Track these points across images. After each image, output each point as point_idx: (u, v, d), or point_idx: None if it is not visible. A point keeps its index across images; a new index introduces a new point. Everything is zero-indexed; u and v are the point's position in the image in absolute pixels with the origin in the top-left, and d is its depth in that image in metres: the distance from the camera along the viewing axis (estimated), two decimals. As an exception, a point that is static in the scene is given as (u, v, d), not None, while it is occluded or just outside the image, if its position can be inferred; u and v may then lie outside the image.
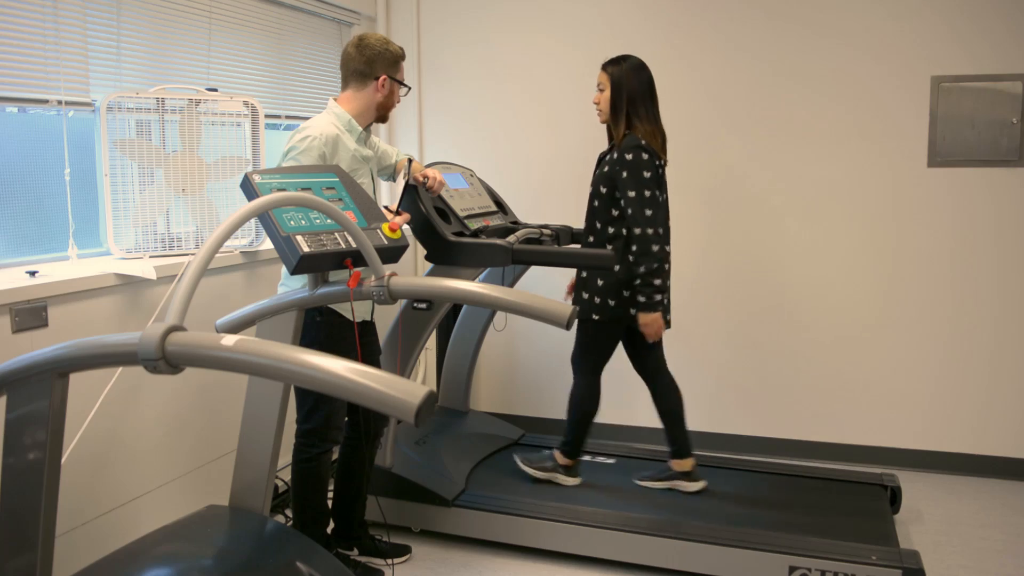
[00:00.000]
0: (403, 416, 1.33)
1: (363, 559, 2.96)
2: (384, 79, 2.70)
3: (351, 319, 2.64)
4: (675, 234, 4.00)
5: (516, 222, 3.52)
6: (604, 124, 3.20)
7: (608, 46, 3.22)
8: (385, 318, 3.47)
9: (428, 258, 3.07)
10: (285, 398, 2.33)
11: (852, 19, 3.76)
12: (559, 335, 4.16)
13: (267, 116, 3.39)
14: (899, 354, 3.86)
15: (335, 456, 2.88)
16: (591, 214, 3.17)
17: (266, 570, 2.05)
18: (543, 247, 3.13)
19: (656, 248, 2.99)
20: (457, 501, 3.10)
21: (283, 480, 3.35)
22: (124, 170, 2.78)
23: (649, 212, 2.99)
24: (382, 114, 2.78)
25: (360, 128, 2.72)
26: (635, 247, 3.00)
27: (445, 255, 3.00)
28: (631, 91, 3.07)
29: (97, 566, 1.98)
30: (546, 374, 4.33)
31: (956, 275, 3.77)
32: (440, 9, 4.31)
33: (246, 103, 3.06)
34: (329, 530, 2.91)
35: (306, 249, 2.11)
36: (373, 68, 2.68)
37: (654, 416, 3.27)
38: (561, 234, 3.44)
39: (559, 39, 4.14)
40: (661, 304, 3.06)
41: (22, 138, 2.62)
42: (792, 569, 2.71)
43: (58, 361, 1.62)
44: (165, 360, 1.49)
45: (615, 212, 3.09)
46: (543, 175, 4.23)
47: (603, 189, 3.11)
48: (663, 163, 3.13)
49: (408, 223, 3.05)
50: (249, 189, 2.16)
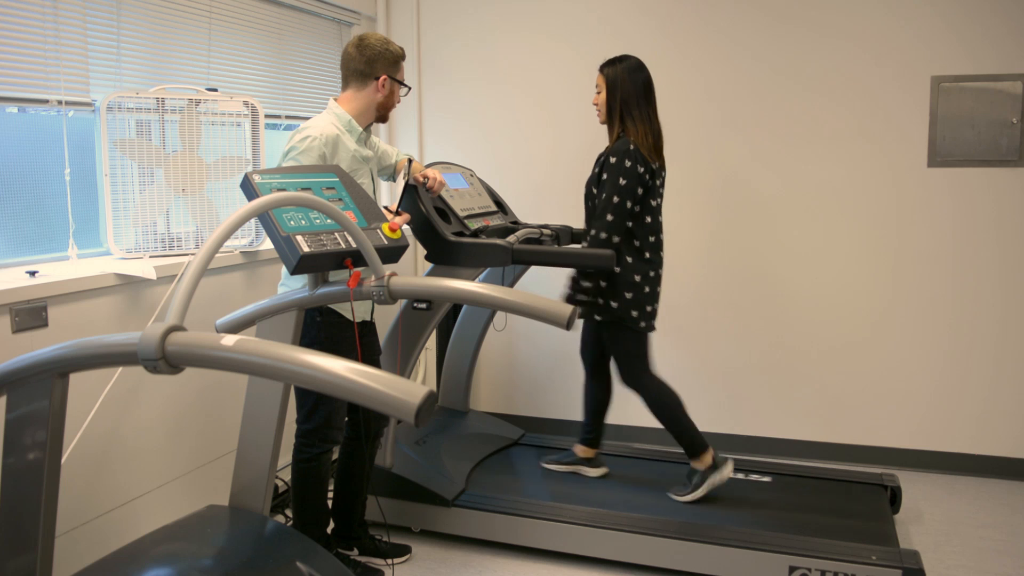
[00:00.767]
0: (403, 416, 1.33)
1: (363, 559, 2.96)
2: (384, 79, 2.70)
3: (351, 319, 2.64)
4: (675, 234, 4.00)
5: (516, 222, 3.52)
6: (604, 125, 3.21)
7: (608, 47, 3.22)
8: (385, 318, 3.47)
9: (428, 258, 3.07)
10: (285, 398, 2.33)
11: (852, 19, 3.76)
12: (559, 335, 4.16)
13: (267, 116, 3.39)
14: (899, 354, 3.87)
15: (335, 456, 2.88)
16: (589, 216, 3.18)
17: (266, 570, 2.05)
18: (543, 247, 3.13)
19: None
20: (457, 501, 3.10)
21: (283, 480, 3.35)
22: (124, 170, 2.78)
23: (610, 218, 3.01)
24: (382, 114, 2.78)
25: (360, 128, 2.72)
26: (584, 243, 3.03)
27: (445, 255, 3.00)
28: (625, 92, 3.07)
29: (97, 566, 1.98)
30: (546, 374, 4.33)
31: (956, 275, 3.77)
32: (440, 9, 4.31)
33: (246, 103, 3.06)
34: (329, 530, 2.91)
35: (306, 249, 2.12)
36: (373, 68, 2.69)
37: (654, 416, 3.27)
38: (561, 234, 3.44)
39: (559, 39, 4.14)
40: (582, 304, 3.08)
41: (22, 138, 2.62)
42: (792, 569, 2.71)
43: (58, 361, 1.62)
44: (165, 360, 1.49)
45: None
46: (543, 175, 4.23)
47: (595, 190, 3.12)
48: (657, 167, 3.11)
49: (408, 223, 3.06)
50: (249, 189, 2.16)
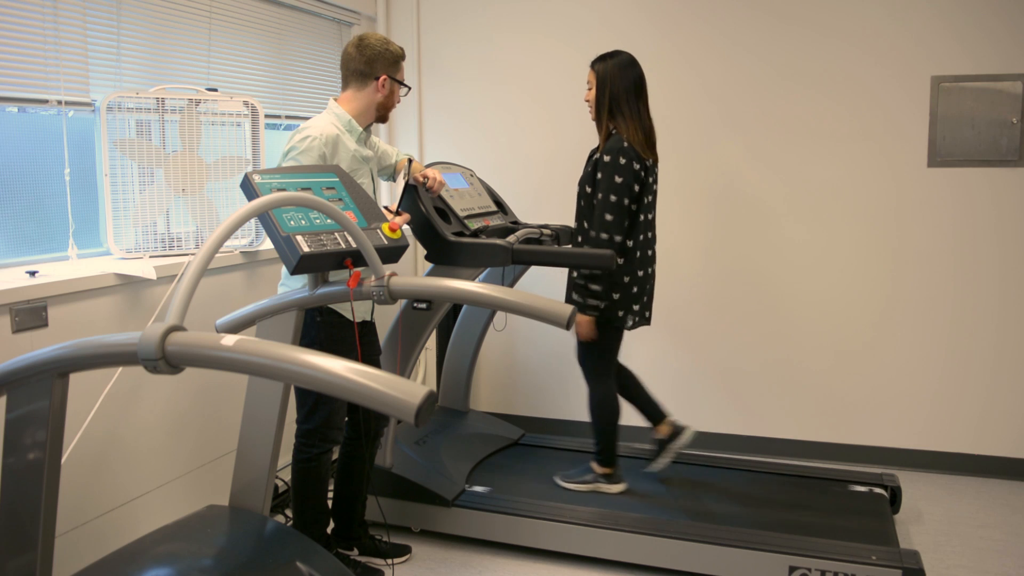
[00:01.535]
0: (403, 416, 1.33)
1: (363, 559, 2.96)
2: (384, 79, 2.70)
3: (351, 319, 2.64)
4: (675, 234, 4.00)
5: (516, 222, 3.51)
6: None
7: (608, 46, 3.21)
8: (385, 318, 3.47)
9: (428, 258, 3.07)
10: (285, 398, 2.33)
11: (852, 19, 3.76)
12: (559, 335, 4.16)
13: (267, 116, 3.39)
14: (899, 354, 3.86)
15: (335, 456, 2.88)
16: (580, 214, 3.18)
17: (266, 570, 2.05)
18: (543, 247, 3.13)
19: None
20: (457, 501, 3.10)
21: (283, 480, 3.35)
22: (124, 170, 2.78)
23: (609, 217, 3.00)
24: (382, 114, 2.78)
25: (360, 128, 2.72)
26: (593, 234, 3.02)
27: (445, 255, 3.00)
28: (614, 88, 3.07)
29: (97, 566, 1.98)
30: (546, 374, 4.33)
31: (956, 275, 3.77)
32: (440, 9, 4.31)
33: (246, 103, 3.06)
34: (329, 530, 2.91)
35: (306, 249, 2.12)
36: (373, 68, 2.69)
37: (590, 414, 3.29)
38: (561, 234, 3.44)
39: (559, 39, 4.14)
40: (597, 309, 3.08)
41: (22, 138, 2.62)
42: (792, 569, 2.71)
43: (58, 361, 1.62)
44: (165, 360, 1.49)
45: None
46: (542, 175, 4.23)
47: (588, 189, 3.12)
48: (651, 163, 3.11)
49: (408, 223, 3.06)
50: (249, 189, 2.16)
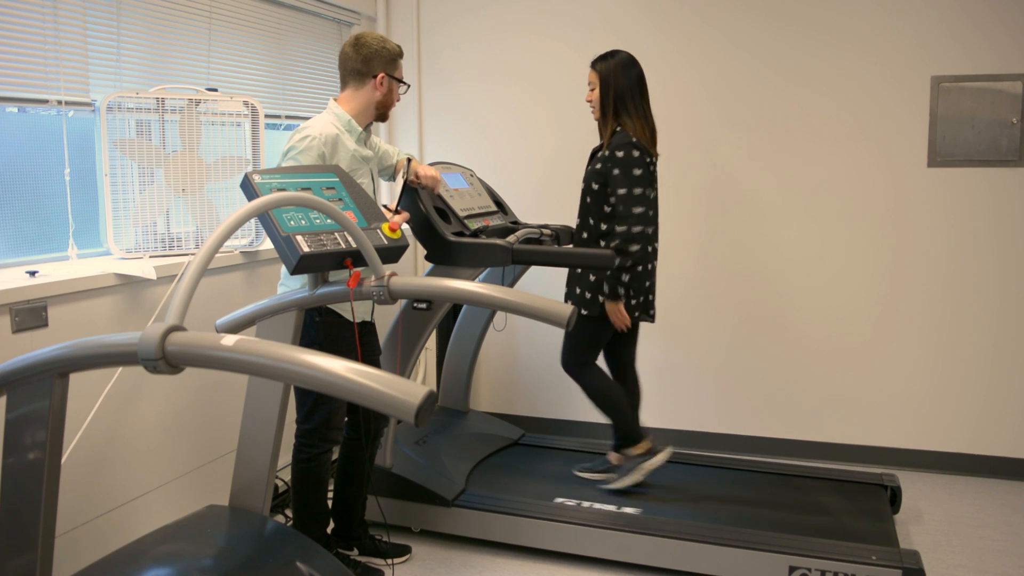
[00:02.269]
0: (403, 416, 1.33)
1: (363, 559, 2.96)
2: (382, 77, 2.70)
3: (350, 319, 2.64)
4: (674, 233, 4.00)
5: (516, 222, 3.51)
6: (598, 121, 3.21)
7: (607, 47, 3.21)
8: (385, 318, 3.47)
9: (428, 258, 3.07)
10: (285, 398, 2.33)
11: (852, 19, 3.76)
12: (559, 335, 4.14)
13: (267, 116, 3.39)
14: (899, 354, 3.86)
15: (335, 456, 2.88)
16: (584, 211, 3.18)
17: (266, 570, 2.05)
18: (543, 247, 3.13)
19: (635, 248, 3.02)
20: (457, 501, 3.10)
21: (283, 480, 3.35)
22: (124, 170, 2.78)
23: (638, 210, 3.01)
24: (382, 112, 2.77)
25: (359, 128, 2.72)
26: (616, 242, 3.02)
27: (445, 255, 3.00)
28: (619, 87, 3.08)
29: (97, 566, 1.98)
30: (546, 374, 4.33)
31: (956, 275, 3.77)
32: (440, 9, 4.31)
33: (246, 103, 3.06)
34: (329, 530, 2.91)
35: (306, 249, 2.12)
36: (370, 66, 2.69)
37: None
38: (561, 234, 3.44)
39: (559, 40, 4.14)
40: (623, 296, 3.11)
41: (22, 138, 2.62)
42: (792, 569, 2.71)
43: (58, 361, 1.62)
44: (165, 360, 1.49)
45: (607, 208, 3.11)
46: (543, 175, 4.23)
47: (595, 185, 3.12)
48: (654, 159, 3.13)
49: (408, 223, 3.05)
50: (249, 189, 2.16)
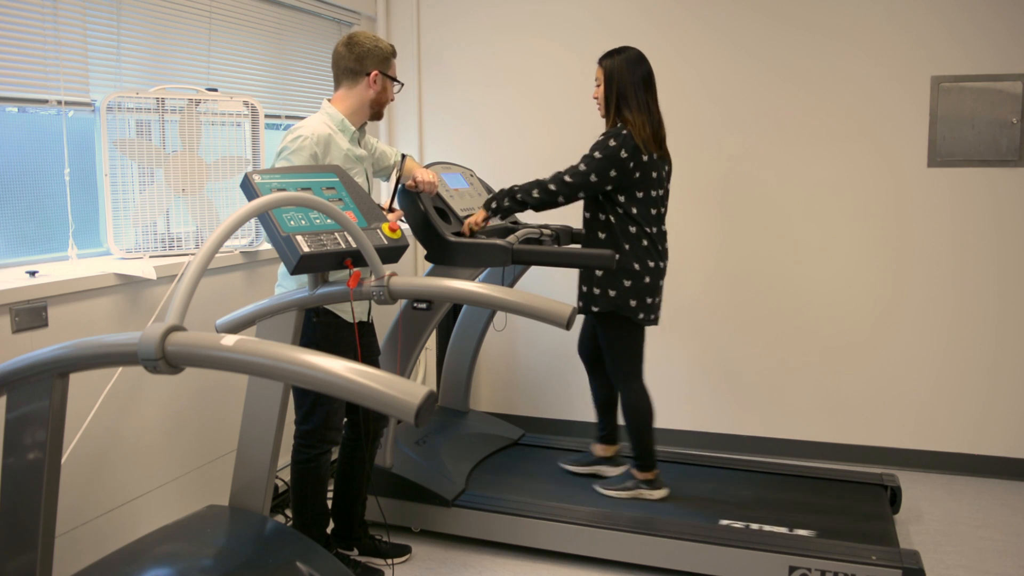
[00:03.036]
0: (403, 416, 1.33)
1: (363, 559, 2.96)
2: (375, 75, 2.69)
3: (348, 320, 2.64)
4: (676, 234, 3.99)
5: (516, 222, 3.52)
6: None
7: (606, 48, 3.22)
8: (385, 318, 3.47)
9: (428, 258, 3.06)
10: (285, 398, 2.33)
11: (852, 20, 3.76)
12: (559, 335, 4.16)
13: (267, 116, 3.39)
14: (899, 354, 3.86)
15: (335, 456, 2.88)
16: (586, 207, 3.19)
17: (266, 570, 2.05)
18: (543, 247, 3.13)
19: (541, 195, 3.06)
20: (457, 501, 3.10)
21: (283, 480, 3.35)
22: (124, 170, 2.78)
23: (568, 179, 3.05)
24: (376, 111, 2.77)
25: (353, 128, 2.71)
26: (548, 177, 3.08)
27: (445, 255, 2.99)
28: (621, 83, 3.07)
29: (97, 566, 1.98)
30: (546, 374, 4.33)
31: (956, 275, 3.77)
32: (440, 10, 4.31)
33: (246, 103, 3.06)
34: (329, 530, 2.91)
35: (306, 249, 2.12)
36: (363, 65, 2.68)
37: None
38: (561, 234, 3.43)
39: (558, 41, 4.14)
40: (496, 213, 3.12)
41: (22, 138, 2.62)
42: (792, 569, 2.71)
43: (58, 361, 1.62)
44: (165, 360, 1.49)
45: (602, 200, 3.10)
46: (542, 175, 4.21)
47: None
48: (657, 158, 3.11)
49: (408, 223, 3.05)
50: (249, 189, 2.16)
